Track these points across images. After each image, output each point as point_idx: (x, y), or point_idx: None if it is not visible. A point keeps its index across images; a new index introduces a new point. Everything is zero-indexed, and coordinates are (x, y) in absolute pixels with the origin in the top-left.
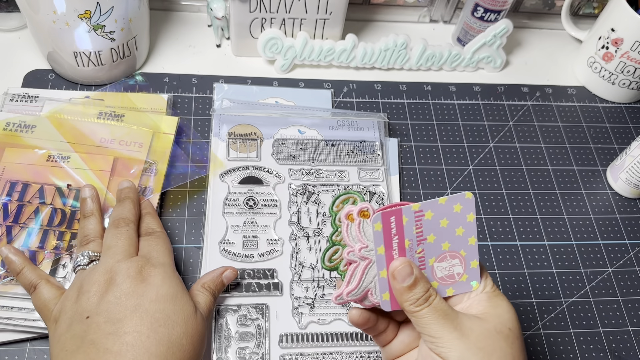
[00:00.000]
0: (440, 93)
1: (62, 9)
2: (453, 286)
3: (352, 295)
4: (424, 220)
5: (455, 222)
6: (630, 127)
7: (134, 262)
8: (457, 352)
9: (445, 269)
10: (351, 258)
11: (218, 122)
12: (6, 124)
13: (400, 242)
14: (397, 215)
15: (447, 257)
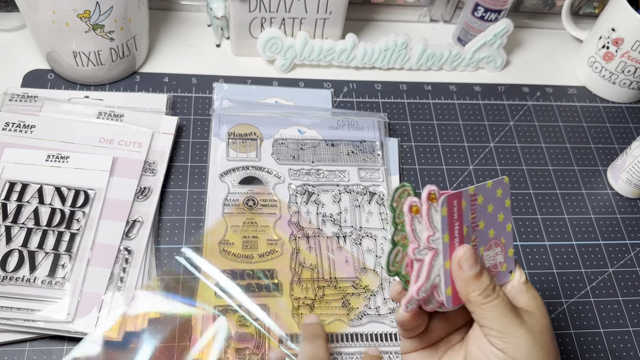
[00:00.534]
0: (440, 93)
1: (61, 9)
2: (496, 277)
3: (422, 291)
4: (477, 205)
5: (498, 207)
6: (630, 127)
7: None
8: (524, 348)
9: (491, 258)
10: (417, 256)
11: (218, 122)
12: (5, 124)
13: (460, 229)
14: (458, 198)
15: (492, 245)
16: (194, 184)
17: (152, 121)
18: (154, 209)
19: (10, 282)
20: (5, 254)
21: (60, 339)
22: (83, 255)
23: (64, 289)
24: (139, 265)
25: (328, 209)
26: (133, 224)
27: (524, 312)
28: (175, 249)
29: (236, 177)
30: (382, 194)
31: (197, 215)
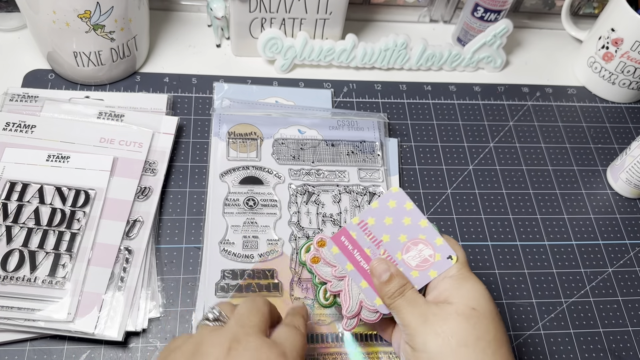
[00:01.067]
0: (440, 93)
1: (62, 9)
2: (432, 268)
3: (350, 311)
4: (369, 227)
5: (398, 215)
6: (630, 127)
7: (265, 345)
8: (420, 337)
9: (415, 256)
10: (333, 289)
11: (218, 122)
12: (6, 124)
13: (362, 253)
14: (344, 234)
15: (410, 246)
16: (194, 184)
17: (153, 121)
18: (155, 209)
19: (10, 281)
20: (6, 254)
21: (60, 338)
22: (83, 255)
23: (65, 289)
24: (140, 265)
25: (328, 209)
26: (133, 224)
27: (434, 305)
28: (175, 248)
29: (236, 176)
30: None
31: (198, 215)
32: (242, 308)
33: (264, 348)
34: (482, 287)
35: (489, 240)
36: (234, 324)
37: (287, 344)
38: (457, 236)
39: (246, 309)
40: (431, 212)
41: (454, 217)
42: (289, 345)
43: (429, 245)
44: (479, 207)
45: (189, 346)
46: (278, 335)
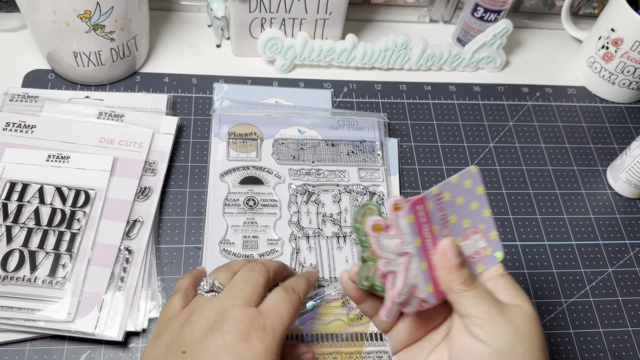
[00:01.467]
0: (440, 93)
1: (62, 9)
2: (481, 262)
3: (400, 295)
4: (444, 203)
5: (469, 198)
6: (630, 127)
7: (248, 316)
8: (507, 338)
9: (470, 246)
10: (387, 268)
11: (218, 122)
12: (6, 124)
13: (431, 230)
14: (422, 203)
15: (469, 234)
16: (195, 184)
17: (153, 121)
18: (155, 209)
19: (11, 281)
20: (6, 254)
21: (60, 338)
22: (84, 255)
23: (65, 289)
24: (140, 265)
25: (328, 209)
26: (133, 224)
27: (505, 304)
28: (175, 248)
29: (236, 177)
30: (382, 194)
31: (198, 215)
32: (237, 279)
33: (243, 321)
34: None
35: None
36: (224, 295)
37: (272, 315)
38: None
39: (240, 279)
40: None
41: None
42: (273, 316)
43: (485, 237)
44: None
45: (182, 315)
46: (266, 303)
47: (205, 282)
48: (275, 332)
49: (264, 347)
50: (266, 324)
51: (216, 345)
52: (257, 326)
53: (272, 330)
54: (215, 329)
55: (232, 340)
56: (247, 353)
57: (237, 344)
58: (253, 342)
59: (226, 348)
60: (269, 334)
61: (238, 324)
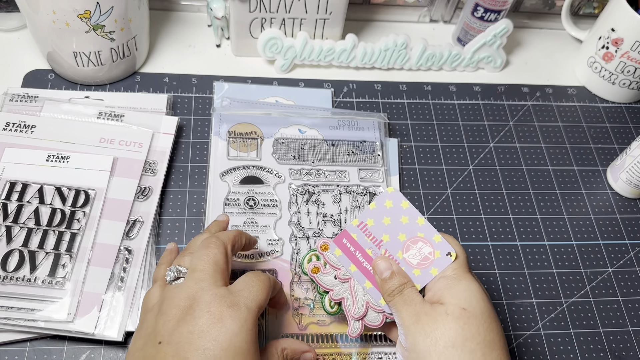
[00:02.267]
0: (440, 93)
1: (62, 9)
2: (433, 265)
3: (356, 312)
4: (369, 228)
5: (396, 215)
6: (630, 127)
7: (218, 296)
8: (411, 336)
9: (415, 255)
10: (336, 297)
11: (218, 121)
12: (6, 124)
13: (364, 254)
14: (345, 236)
15: (410, 245)
16: (195, 184)
17: (153, 121)
18: (155, 209)
19: (10, 282)
20: (6, 254)
21: (60, 338)
22: (83, 255)
23: (65, 289)
24: (140, 265)
25: (328, 209)
26: (133, 224)
27: (428, 305)
28: None
29: (237, 176)
30: None
31: (198, 215)
32: (195, 259)
33: (214, 303)
34: (476, 287)
35: (489, 240)
36: (189, 280)
37: (244, 292)
38: (457, 236)
39: (199, 260)
40: (431, 212)
41: (454, 217)
42: (244, 293)
43: (427, 243)
44: (479, 207)
45: (155, 307)
46: (237, 282)
47: (170, 271)
48: (250, 309)
49: (237, 324)
50: (238, 301)
51: (190, 331)
52: (229, 305)
53: (245, 308)
54: (187, 315)
55: (205, 324)
56: (222, 333)
57: (211, 326)
58: (226, 322)
59: (200, 332)
60: (242, 311)
61: (209, 307)
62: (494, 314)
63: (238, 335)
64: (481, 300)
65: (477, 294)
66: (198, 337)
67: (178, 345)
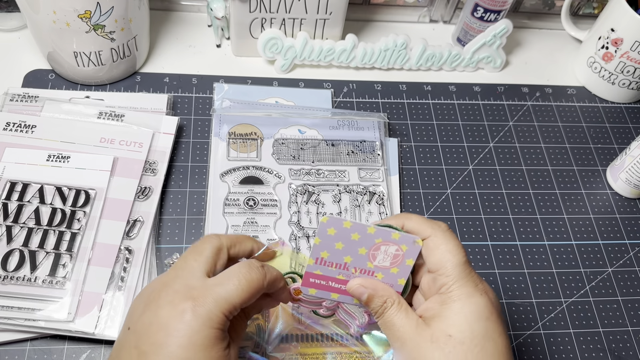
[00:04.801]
0: (440, 93)
1: (62, 9)
2: (405, 258)
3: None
4: (327, 260)
5: (345, 237)
6: (630, 127)
7: (187, 288)
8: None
9: (384, 258)
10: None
11: (218, 122)
12: (6, 124)
13: (337, 280)
14: (310, 276)
15: (374, 253)
16: (195, 184)
17: (153, 121)
18: (155, 209)
19: (11, 281)
20: (6, 254)
21: (61, 338)
22: (84, 255)
23: (65, 289)
24: (140, 264)
25: (328, 208)
26: (134, 224)
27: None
28: (175, 248)
29: (237, 176)
30: (382, 194)
31: (198, 215)
32: (187, 250)
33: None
34: (471, 308)
35: (489, 240)
36: (173, 267)
37: (217, 287)
38: (457, 236)
39: (188, 250)
40: (431, 212)
41: (454, 217)
42: (218, 288)
43: (389, 243)
44: (478, 207)
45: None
46: (218, 275)
47: (171, 258)
48: (219, 305)
49: (199, 321)
50: (207, 295)
51: (150, 322)
52: (194, 298)
53: (213, 303)
54: (153, 303)
55: (165, 316)
56: (181, 329)
57: (170, 319)
58: (186, 317)
59: (159, 325)
60: (207, 307)
61: (174, 297)
62: (495, 332)
63: (199, 333)
64: (475, 323)
65: (471, 315)
66: (157, 330)
67: (139, 335)
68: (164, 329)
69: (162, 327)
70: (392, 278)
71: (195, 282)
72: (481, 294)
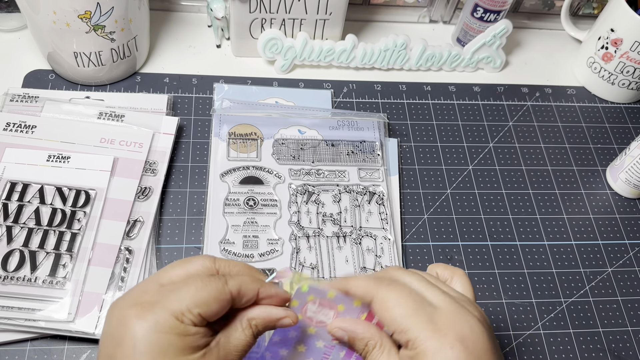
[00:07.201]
0: (440, 93)
1: (62, 10)
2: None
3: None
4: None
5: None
6: (629, 127)
7: (142, 291)
8: None
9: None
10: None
11: (218, 122)
12: (7, 124)
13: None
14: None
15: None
16: (195, 184)
17: (153, 121)
18: (155, 209)
19: (11, 281)
20: (7, 254)
21: (61, 338)
22: (84, 255)
23: (65, 289)
24: (140, 265)
25: (328, 208)
26: (134, 224)
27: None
28: (176, 248)
29: (237, 176)
30: (382, 194)
31: (198, 215)
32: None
33: (129, 297)
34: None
35: (489, 240)
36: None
37: (170, 293)
38: (457, 236)
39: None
40: (431, 212)
41: (453, 217)
42: (170, 294)
43: (306, 303)
44: (478, 207)
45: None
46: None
47: None
48: (169, 310)
49: (143, 327)
50: (156, 300)
51: (106, 331)
52: (141, 303)
53: (161, 308)
54: (110, 311)
55: (115, 324)
56: (126, 336)
57: (117, 327)
58: (130, 323)
59: (110, 335)
60: (154, 312)
61: (124, 304)
62: None
63: (143, 339)
64: None
65: None
66: (107, 341)
67: (100, 347)
68: (111, 337)
69: (111, 337)
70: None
71: (150, 286)
72: (451, 346)
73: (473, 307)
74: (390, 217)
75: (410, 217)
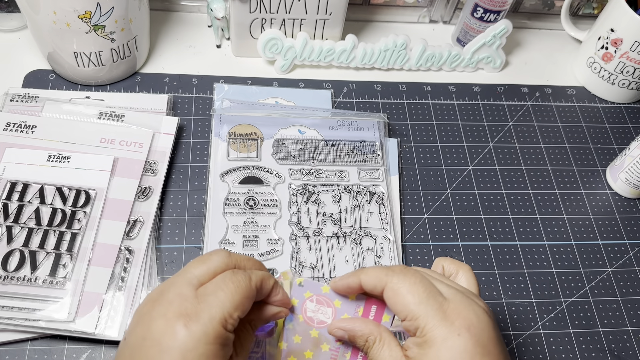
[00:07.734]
0: (440, 93)
1: (62, 10)
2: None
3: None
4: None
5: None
6: (629, 127)
7: (181, 299)
8: None
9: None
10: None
11: (218, 122)
12: (7, 124)
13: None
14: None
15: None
16: (195, 184)
17: (153, 121)
18: (155, 209)
19: (11, 281)
20: (7, 254)
21: (61, 338)
22: (84, 255)
23: (65, 289)
24: (140, 265)
25: (328, 208)
26: (134, 224)
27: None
28: (176, 248)
29: (237, 176)
30: (382, 194)
31: (198, 215)
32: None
33: (173, 305)
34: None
35: (489, 240)
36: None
37: (209, 297)
38: (457, 236)
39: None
40: (431, 212)
41: (453, 217)
42: (210, 298)
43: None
44: (478, 207)
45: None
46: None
47: None
48: (213, 319)
49: (193, 338)
50: (200, 309)
51: (143, 336)
52: (187, 313)
53: (208, 317)
54: (146, 315)
55: (158, 331)
56: (174, 347)
57: (163, 335)
58: (179, 334)
59: (152, 340)
60: (202, 323)
61: (167, 310)
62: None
63: (193, 351)
64: None
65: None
66: (150, 346)
67: (133, 349)
68: (157, 345)
69: (155, 344)
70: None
71: (187, 293)
72: (459, 334)
73: (479, 299)
74: (390, 217)
75: (410, 217)
